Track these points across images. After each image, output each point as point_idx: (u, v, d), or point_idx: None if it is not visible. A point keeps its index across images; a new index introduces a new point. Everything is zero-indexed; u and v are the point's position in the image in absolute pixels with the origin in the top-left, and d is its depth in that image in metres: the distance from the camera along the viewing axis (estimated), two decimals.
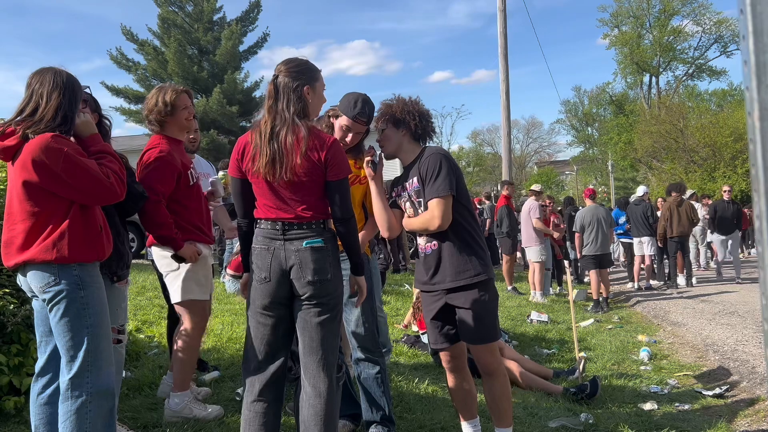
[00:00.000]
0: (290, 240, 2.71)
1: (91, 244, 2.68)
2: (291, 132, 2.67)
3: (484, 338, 3.13)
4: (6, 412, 3.50)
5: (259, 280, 2.74)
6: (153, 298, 7.48)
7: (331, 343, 2.76)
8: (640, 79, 45.76)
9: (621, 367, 6.02)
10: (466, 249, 3.11)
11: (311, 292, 2.69)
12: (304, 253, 2.69)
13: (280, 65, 2.80)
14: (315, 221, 2.74)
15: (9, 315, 3.42)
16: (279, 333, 2.78)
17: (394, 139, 3.24)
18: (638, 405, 4.69)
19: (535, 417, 4.11)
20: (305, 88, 2.75)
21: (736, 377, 5.51)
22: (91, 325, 2.63)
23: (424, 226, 3.13)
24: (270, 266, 2.72)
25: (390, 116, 3.22)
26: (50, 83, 2.67)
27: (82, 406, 2.61)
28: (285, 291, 2.73)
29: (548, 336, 7.29)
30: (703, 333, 7.57)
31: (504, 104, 16.57)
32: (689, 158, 29.93)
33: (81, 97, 2.79)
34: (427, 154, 3.16)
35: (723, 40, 43.38)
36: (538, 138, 57.87)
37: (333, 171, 2.72)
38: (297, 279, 2.69)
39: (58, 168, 2.54)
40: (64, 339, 2.63)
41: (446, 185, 3.04)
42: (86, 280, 2.66)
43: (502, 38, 16.44)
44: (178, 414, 3.67)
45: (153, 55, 25.40)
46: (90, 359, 2.62)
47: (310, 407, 2.70)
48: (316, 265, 2.69)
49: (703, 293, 10.99)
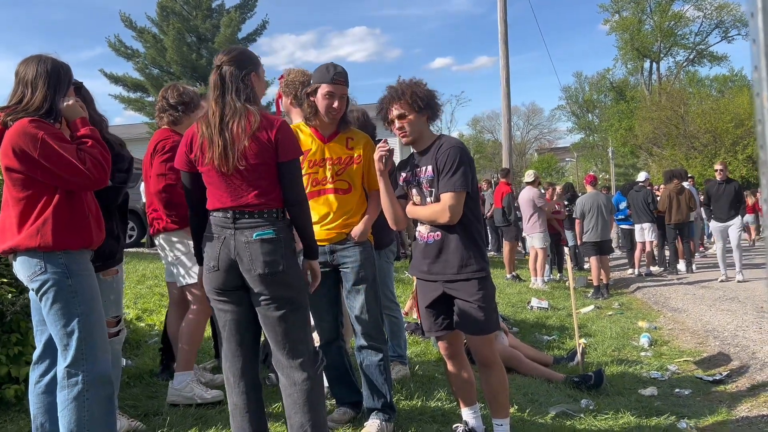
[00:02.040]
0: (240, 229, 2.66)
1: (77, 230, 2.66)
2: (243, 118, 2.65)
3: (482, 329, 3.12)
4: (6, 400, 3.50)
5: (209, 268, 2.72)
6: (153, 287, 7.47)
7: (298, 335, 2.72)
8: (640, 65, 45.56)
9: (621, 353, 6.02)
10: (471, 244, 3.09)
11: (264, 286, 2.64)
12: (254, 246, 2.63)
13: (221, 56, 2.78)
14: (267, 210, 2.67)
15: (8, 304, 3.42)
16: (241, 317, 2.76)
17: (418, 125, 3.12)
18: (638, 391, 4.70)
19: (535, 403, 4.11)
20: (252, 75, 2.76)
21: (737, 363, 5.51)
22: (82, 312, 2.62)
23: (432, 217, 3.09)
24: (219, 255, 2.68)
25: (411, 100, 3.07)
26: (35, 72, 2.66)
27: (79, 394, 2.61)
28: (235, 280, 2.70)
29: (548, 322, 7.29)
30: (704, 319, 7.57)
31: (504, 91, 16.49)
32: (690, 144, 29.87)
33: (67, 83, 2.76)
34: (447, 145, 3.07)
35: (724, 25, 43.20)
36: (538, 125, 57.68)
37: (283, 151, 2.68)
38: (247, 272, 2.65)
39: (35, 153, 2.53)
40: (56, 328, 2.62)
41: (463, 182, 3.00)
42: (73, 267, 2.64)
43: (502, 24, 16.33)
44: (179, 393, 3.69)
45: (152, 42, 25.29)
46: (84, 347, 2.62)
47: (288, 397, 2.72)
48: (267, 258, 2.63)
49: (703, 279, 10.99)
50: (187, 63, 24.72)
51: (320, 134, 3.39)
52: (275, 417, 3.51)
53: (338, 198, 3.37)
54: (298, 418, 2.69)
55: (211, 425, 3.41)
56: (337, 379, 3.57)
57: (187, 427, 3.38)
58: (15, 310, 3.44)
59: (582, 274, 11.71)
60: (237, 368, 2.79)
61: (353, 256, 3.36)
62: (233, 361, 2.80)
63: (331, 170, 3.35)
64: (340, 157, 3.37)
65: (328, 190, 3.36)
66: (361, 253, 3.36)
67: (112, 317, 3.24)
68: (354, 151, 3.39)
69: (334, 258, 3.37)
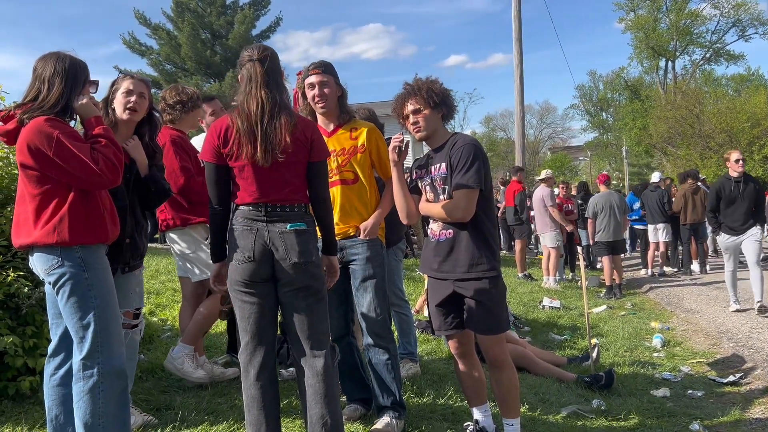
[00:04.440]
0: (273, 222, 2.72)
1: (92, 226, 2.69)
2: (284, 113, 2.72)
3: (492, 329, 3.12)
4: (22, 392, 3.55)
5: (242, 260, 2.73)
6: (166, 282, 7.53)
7: (321, 326, 2.80)
8: (656, 64, 45.11)
9: (634, 354, 5.98)
10: (482, 242, 3.08)
11: (296, 275, 2.71)
12: (289, 236, 2.71)
13: (257, 51, 2.81)
14: (297, 204, 2.78)
15: (24, 297, 3.46)
16: (265, 310, 2.79)
17: (432, 121, 3.15)
18: (651, 392, 4.67)
19: (546, 403, 4.10)
20: (282, 76, 2.86)
21: (750, 365, 5.46)
22: (98, 306, 2.65)
23: (444, 214, 3.09)
24: (254, 246, 2.71)
25: (426, 97, 3.11)
26: (52, 69, 2.69)
27: (94, 386, 2.64)
28: (267, 271, 2.74)
29: (560, 322, 7.27)
30: (717, 320, 7.51)
31: (518, 89, 16.40)
32: (705, 144, 29.54)
33: (84, 81, 2.78)
34: (461, 142, 3.08)
35: (741, 23, 42.61)
36: (551, 123, 57.35)
37: (317, 151, 2.82)
38: (282, 260, 2.70)
39: (50, 152, 2.56)
40: (72, 321, 2.65)
41: (476, 179, 3.00)
42: (90, 261, 2.67)
43: (517, 22, 16.24)
44: (173, 362, 3.88)
45: (166, 39, 25.44)
46: (99, 340, 2.64)
47: (310, 387, 2.75)
48: (302, 248, 2.71)
49: (717, 280, 10.87)
50: (201, 59, 24.85)
51: (324, 129, 3.45)
52: (285, 413, 3.53)
53: (345, 189, 3.41)
54: (318, 409, 2.71)
55: (222, 420, 3.44)
56: (347, 375, 3.58)
57: (199, 422, 3.40)
58: (30, 303, 3.49)
59: (595, 274, 11.64)
60: (257, 361, 2.80)
61: (362, 253, 3.38)
62: (254, 354, 2.81)
63: (335, 162, 3.39)
64: (344, 147, 3.42)
65: (335, 182, 3.40)
66: (370, 250, 3.38)
67: (134, 309, 3.28)
68: (358, 140, 3.42)
69: (343, 254, 3.39)
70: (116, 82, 3.28)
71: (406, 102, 3.15)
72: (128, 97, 3.19)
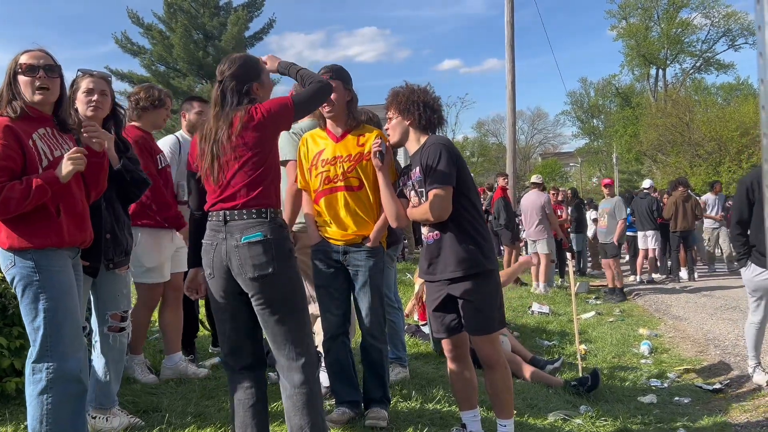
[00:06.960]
0: (231, 233, 2.67)
1: (43, 230, 2.63)
2: (228, 126, 2.69)
3: (484, 329, 3.13)
4: (7, 394, 3.51)
5: (207, 276, 2.77)
6: None
7: (296, 336, 2.70)
8: (647, 72, 45.47)
9: (621, 360, 6.01)
10: (467, 240, 3.09)
11: (256, 290, 2.66)
12: (243, 250, 2.64)
13: (222, 67, 2.79)
14: (256, 208, 2.67)
15: (10, 298, 3.43)
16: (240, 321, 2.79)
17: (399, 128, 3.27)
18: (638, 398, 4.69)
19: (534, 408, 4.10)
20: (254, 86, 2.79)
21: (737, 372, 5.50)
22: (48, 309, 2.59)
23: (423, 216, 3.13)
24: (213, 263, 2.72)
25: (395, 105, 3.24)
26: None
27: (42, 391, 2.59)
28: (232, 286, 2.72)
29: (549, 327, 7.29)
30: (705, 327, 7.56)
31: (509, 95, 16.46)
32: (694, 152, 29.79)
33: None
34: (429, 143, 3.15)
35: (731, 33, 43.06)
36: (543, 129, 57.52)
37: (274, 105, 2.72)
38: (239, 276, 2.68)
39: None
40: (26, 322, 2.64)
41: (444, 177, 3.03)
42: (43, 263, 2.62)
43: (509, 28, 16.30)
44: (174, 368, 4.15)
45: (159, 39, 25.35)
46: (49, 344, 2.59)
47: (288, 399, 2.73)
48: (256, 261, 2.63)
49: (705, 287, 10.98)
50: (193, 60, 24.77)
51: (332, 134, 3.47)
52: (274, 416, 3.52)
53: (350, 195, 3.41)
54: (297, 420, 2.70)
55: (209, 423, 3.42)
56: (338, 375, 3.59)
57: (186, 425, 3.38)
58: (17, 304, 3.45)
59: (584, 280, 11.70)
60: (242, 365, 2.81)
61: (364, 261, 3.43)
62: (238, 358, 2.82)
63: (341, 168, 3.40)
64: (350, 154, 3.42)
65: (340, 188, 3.41)
66: (372, 258, 3.43)
67: (122, 311, 3.26)
68: (365, 147, 3.43)
69: (346, 259, 3.44)
70: (76, 81, 3.18)
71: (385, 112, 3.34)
72: (89, 96, 3.12)
